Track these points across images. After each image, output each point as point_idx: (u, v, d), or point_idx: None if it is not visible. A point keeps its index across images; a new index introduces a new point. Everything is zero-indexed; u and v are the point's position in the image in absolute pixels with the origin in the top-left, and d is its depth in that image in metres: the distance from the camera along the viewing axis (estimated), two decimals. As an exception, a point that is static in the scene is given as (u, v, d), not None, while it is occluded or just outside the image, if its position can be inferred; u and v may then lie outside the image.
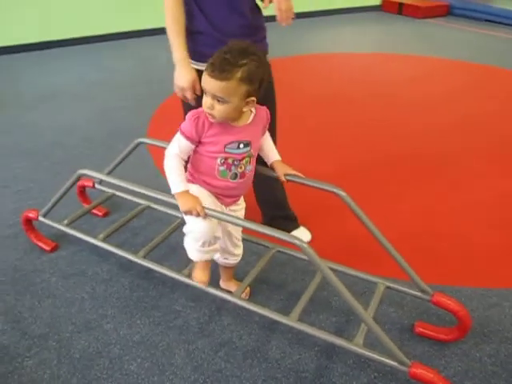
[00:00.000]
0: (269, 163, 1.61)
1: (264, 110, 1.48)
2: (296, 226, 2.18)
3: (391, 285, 1.65)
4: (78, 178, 1.80)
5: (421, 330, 1.68)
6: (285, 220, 2.17)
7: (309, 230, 2.18)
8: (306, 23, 6.63)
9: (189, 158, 1.46)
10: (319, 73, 4.70)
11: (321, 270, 1.32)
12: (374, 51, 5.48)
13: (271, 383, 1.51)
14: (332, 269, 1.68)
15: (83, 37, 5.66)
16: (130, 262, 1.84)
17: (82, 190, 2.30)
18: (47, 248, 2.05)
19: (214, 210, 1.39)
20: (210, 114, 1.33)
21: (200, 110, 1.36)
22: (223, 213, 1.44)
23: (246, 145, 1.42)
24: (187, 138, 1.37)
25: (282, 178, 1.58)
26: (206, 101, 1.31)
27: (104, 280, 1.92)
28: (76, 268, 1.98)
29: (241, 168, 1.45)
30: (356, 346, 1.40)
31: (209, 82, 1.28)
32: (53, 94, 4.05)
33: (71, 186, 1.83)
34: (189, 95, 1.66)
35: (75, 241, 2.07)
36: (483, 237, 2.21)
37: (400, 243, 2.06)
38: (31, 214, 2.00)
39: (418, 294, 1.61)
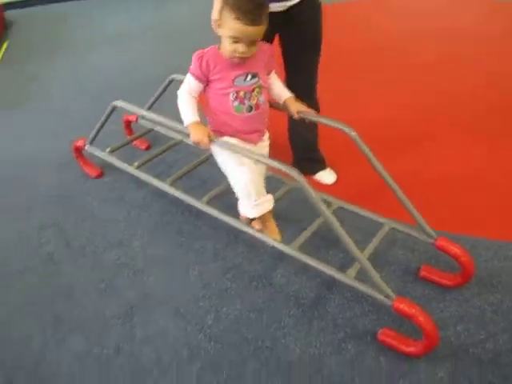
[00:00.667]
0: (281, 102, 1.66)
1: (266, 45, 1.53)
2: (323, 168, 2.23)
3: (397, 226, 1.68)
4: (113, 109, 1.97)
5: (425, 273, 1.71)
6: (312, 162, 2.23)
7: (335, 171, 2.23)
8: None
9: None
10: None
11: (313, 204, 1.39)
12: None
13: (270, 304, 1.64)
14: (342, 208, 1.77)
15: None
16: (162, 190, 2.01)
17: (128, 125, 2.49)
18: (93, 174, 2.29)
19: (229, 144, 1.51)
20: (240, 57, 1.41)
21: (203, 50, 1.47)
22: (239, 146, 1.52)
23: (254, 76, 1.49)
24: (194, 75, 1.48)
25: (295, 115, 1.63)
26: (239, 47, 1.38)
27: (139, 205, 2.13)
28: (116, 193, 2.21)
29: (253, 99, 1.53)
30: (347, 278, 1.48)
31: (246, 31, 1.34)
32: (116, 37, 4.27)
33: (109, 115, 2.02)
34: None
35: (117, 170, 2.27)
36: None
37: (428, 190, 2.07)
38: (79, 143, 2.23)
39: (423, 237, 1.63)
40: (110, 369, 1.47)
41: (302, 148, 2.24)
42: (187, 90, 1.51)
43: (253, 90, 1.50)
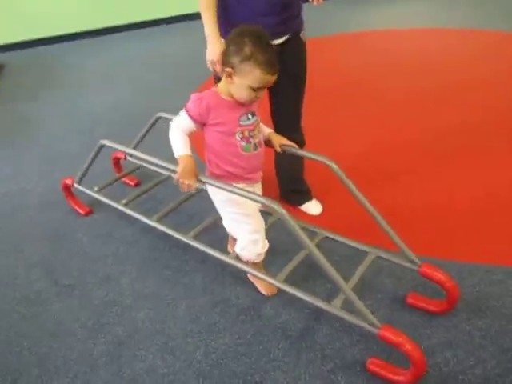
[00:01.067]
0: (264, 137, 1.70)
1: None
2: (309, 199, 2.26)
3: (382, 255, 1.70)
4: (101, 147, 2.01)
5: (412, 300, 1.72)
6: (298, 193, 2.27)
7: (321, 202, 2.26)
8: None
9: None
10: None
11: (296, 235, 1.41)
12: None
13: (259, 338, 1.64)
14: (328, 237, 1.78)
15: (143, 21, 5.98)
16: (151, 226, 2.03)
17: (117, 162, 2.53)
18: (82, 212, 2.32)
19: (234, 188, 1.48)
20: (254, 101, 1.47)
21: (204, 93, 1.45)
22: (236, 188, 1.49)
23: (253, 114, 1.52)
24: (190, 116, 1.45)
25: (278, 149, 1.67)
26: (258, 93, 1.41)
27: (127, 241, 2.14)
28: (105, 230, 2.22)
29: (256, 138, 1.54)
30: (333, 308, 1.49)
31: (270, 80, 1.39)
32: (106, 76, 4.39)
33: (96, 154, 2.06)
34: (218, 68, 1.68)
35: (107, 206, 2.30)
36: (497, 216, 2.16)
37: (412, 218, 2.10)
38: (68, 181, 2.26)
39: (407, 264, 1.64)
40: (97, 409, 1.45)
41: (287, 180, 2.28)
42: (179, 126, 1.48)
43: (254, 129, 1.52)
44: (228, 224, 1.68)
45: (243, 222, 1.61)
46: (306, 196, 2.26)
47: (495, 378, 1.46)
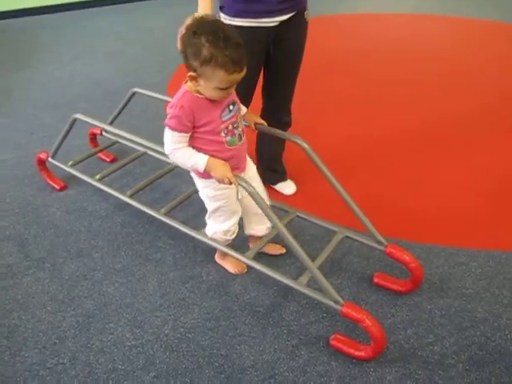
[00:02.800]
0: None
1: None
2: (284, 179, 2.28)
3: (350, 235, 1.73)
4: (74, 121, 1.99)
5: (378, 280, 1.77)
6: (275, 173, 2.28)
7: (295, 183, 2.28)
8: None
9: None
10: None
11: (264, 213, 1.43)
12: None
13: (226, 313, 1.67)
14: (300, 217, 1.81)
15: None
16: (125, 202, 2.03)
17: (93, 138, 2.51)
18: (57, 187, 2.30)
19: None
20: (226, 97, 1.38)
21: (178, 101, 1.34)
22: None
23: (233, 103, 1.43)
24: (179, 130, 1.35)
25: (253, 127, 1.67)
26: (228, 91, 1.32)
27: (100, 216, 2.14)
28: (79, 205, 2.22)
29: (240, 127, 1.48)
30: (298, 285, 1.52)
31: (235, 77, 1.26)
32: (87, 51, 4.31)
33: (70, 128, 2.05)
34: None
35: (82, 182, 2.29)
36: (462, 201, 2.22)
37: (383, 201, 2.14)
38: (42, 155, 2.24)
39: (374, 244, 1.68)
40: (65, 380, 1.47)
41: (267, 159, 2.28)
42: (175, 148, 1.38)
43: (237, 119, 1.46)
44: (210, 212, 1.65)
45: (224, 216, 1.62)
46: (282, 176, 2.28)
47: (452, 355, 1.52)
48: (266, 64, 1.90)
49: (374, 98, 3.23)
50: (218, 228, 1.66)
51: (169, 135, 1.37)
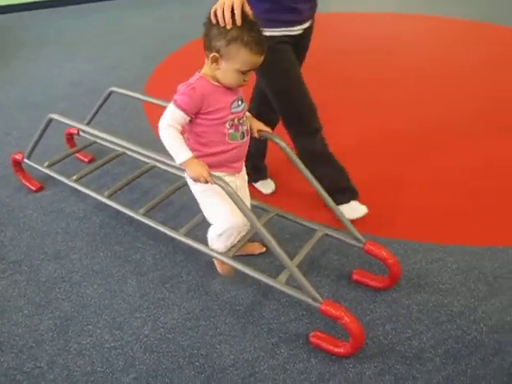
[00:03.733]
0: None
1: None
2: (263, 177, 2.29)
3: (329, 232, 1.75)
4: (49, 121, 1.96)
5: (357, 277, 1.78)
6: (256, 171, 2.27)
7: (274, 182, 2.29)
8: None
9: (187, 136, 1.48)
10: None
11: (243, 212, 1.43)
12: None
13: (206, 313, 1.66)
14: (279, 215, 1.82)
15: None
16: (103, 203, 2.01)
17: (70, 138, 2.47)
18: (33, 188, 2.26)
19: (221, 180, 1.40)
20: (242, 85, 1.38)
21: (193, 82, 1.34)
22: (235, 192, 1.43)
23: (242, 100, 1.43)
24: (184, 109, 1.33)
25: (255, 134, 1.61)
26: (246, 77, 1.34)
27: (78, 217, 2.11)
28: (55, 206, 2.18)
29: (245, 125, 1.47)
30: (277, 283, 1.53)
31: (258, 61, 1.31)
32: (66, 49, 4.24)
33: (45, 128, 2.01)
34: (227, 14, 1.35)
35: (59, 183, 2.25)
36: (441, 198, 2.25)
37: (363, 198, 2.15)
38: (17, 156, 2.20)
39: (353, 242, 1.70)
40: (42, 384, 1.45)
41: (250, 157, 2.28)
42: (171, 124, 1.35)
43: (243, 116, 1.45)
44: (207, 214, 1.60)
45: (220, 209, 1.53)
46: (263, 174, 2.29)
47: (429, 349, 1.54)
48: None
49: (361, 99, 3.24)
50: (222, 227, 1.57)
51: (170, 110, 1.36)
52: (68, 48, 4.29)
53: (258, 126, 1.62)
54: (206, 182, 1.38)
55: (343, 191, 2.02)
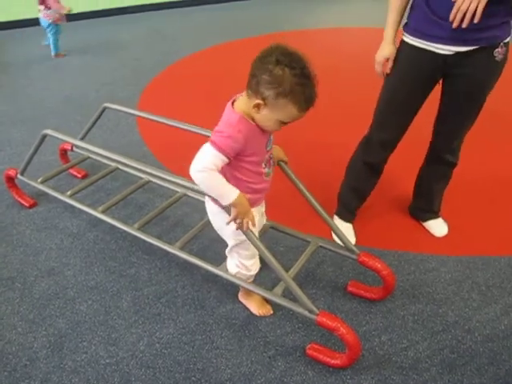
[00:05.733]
0: None
1: None
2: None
3: (323, 244, 1.76)
4: (44, 137, 1.97)
5: (352, 288, 1.79)
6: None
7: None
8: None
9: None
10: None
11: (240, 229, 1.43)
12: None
13: (202, 327, 1.66)
14: (273, 228, 1.82)
15: (93, 11, 5.85)
16: (97, 218, 2.00)
17: (64, 153, 2.47)
18: (26, 204, 2.25)
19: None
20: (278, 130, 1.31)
21: (236, 123, 1.24)
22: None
23: (270, 134, 1.37)
24: (227, 154, 1.24)
25: (276, 163, 1.57)
26: (281, 126, 1.27)
27: (72, 233, 2.10)
28: (49, 222, 2.17)
29: (272, 158, 1.43)
30: (273, 296, 1.53)
31: (302, 115, 1.24)
32: (58, 65, 4.26)
33: (39, 144, 2.01)
34: (378, 68, 1.72)
35: (53, 199, 2.25)
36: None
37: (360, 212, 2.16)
38: (11, 172, 2.19)
39: (347, 253, 1.71)
40: (36, 402, 1.43)
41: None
42: (213, 168, 1.24)
43: (272, 150, 1.41)
44: (233, 246, 1.54)
45: (250, 250, 1.52)
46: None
47: (425, 359, 1.55)
48: (440, 97, 1.77)
49: (349, 114, 3.29)
50: (242, 264, 1.56)
51: (209, 154, 1.23)
52: (58, 63, 4.31)
53: (280, 155, 1.57)
54: (250, 223, 1.33)
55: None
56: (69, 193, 2.05)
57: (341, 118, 3.22)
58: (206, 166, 1.24)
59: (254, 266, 1.59)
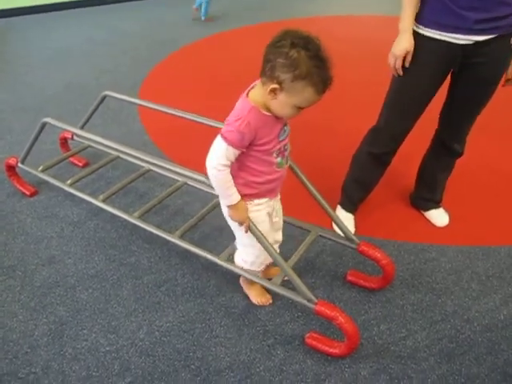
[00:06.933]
0: None
1: None
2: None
3: (323, 234, 1.75)
4: (43, 126, 1.96)
5: (351, 278, 1.79)
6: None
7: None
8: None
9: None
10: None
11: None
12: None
13: (202, 316, 1.67)
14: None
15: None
16: (98, 207, 2.00)
17: (64, 142, 2.47)
18: (27, 193, 2.26)
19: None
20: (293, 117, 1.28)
21: (245, 115, 1.22)
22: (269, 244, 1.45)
23: (286, 125, 1.35)
24: (238, 147, 1.25)
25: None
26: (300, 111, 1.24)
27: (73, 222, 2.11)
28: (50, 211, 2.18)
29: (288, 149, 1.40)
30: (272, 285, 1.53)
31: (319, 99, 1.21)
32: (57, 54, 4.24)
33: (39, 132, 2.01)
34: (398, 63, 1.64)
35: (53, 188, 2.25)
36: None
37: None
38: (11, 161, 2.19)
39: (347, 243, 1.70)
40: (37, 389, 1.45)
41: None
42: (226, 164, 1.27)
43: (288, 141, 1.38)
44: (241, 242, 1.56)
45: (254, 245, 1.50)
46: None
47: (424, 348, 1.56)
48: (449, 86, 1.77)
49: (348, 99, 3.27)
50: (249, 260, 1.57)
51: (222, 148, 1.25)
52: (58, 52, 4.29)
53: None
54: (244, 225, 1.39)
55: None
56: (69, 181, 2.05)
57: (349, 105, 3.20)
58: (219, 163, 1.26)
59: (261, 265, 1.58)
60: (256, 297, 1.71)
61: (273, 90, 1.18)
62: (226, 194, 1.33)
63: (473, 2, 1.46)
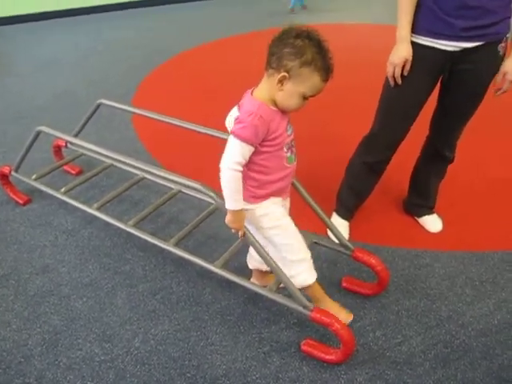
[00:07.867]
0: None
1: None
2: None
3: (317, 240, 1.76)
4: (38, 134, 1.96)
5: (346, 284, 1.80)
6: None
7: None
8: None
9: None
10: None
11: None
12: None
13: (197, 323, 1.66)
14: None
15: (83, 7, 5.82)
16: (92, 215, 2.00)
17: (58, 150, 2.46)
18: (20, 201, 2.25)
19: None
20: (299, 109, 1.30)
21: (257, 109, 1.23)
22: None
23: (289, 122, 1.36)
24: (253, 143, 1.25)
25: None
26: (306, 102, 1.28)
27: (66, 230, 2.10)
28: (43, 219, 2.17)
29: (294, 147, 1.40)
30: (267, 292, 1.53)
31: (323, 87, 1.25)
32: (48, 62, 4.24)
33: (33, 141, 2.01)
34: (397, 71, 1.64)
35: (47, 196, 2.24)
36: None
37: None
38: (5, 170, 2.18)
39: (341, 249, 1.71)
40: (31, 399, 1.43)
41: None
42: (239, 162, 1.26)
43: (293, 136, 1.39)
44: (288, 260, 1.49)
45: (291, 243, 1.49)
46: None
47: (419, 354, 1.56)
48: (439, 93, 1.80)
49: (334, 105, 3.29)
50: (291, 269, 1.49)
51: (237, 146, 1.24)
52: (50, 60, 4.29)
53: None
54: (239, 232, 1.40)
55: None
56: (63, 190, 2.05)
57: (345, 113, 3.22)
58: (235, 161, 1.26)
59: (303, 274, 1.51)
60: (339, 313, 1.54)
61: (281, 80, 1.22)
62: (234, 197, 1.31)
63: (460, 10, 1.49)
